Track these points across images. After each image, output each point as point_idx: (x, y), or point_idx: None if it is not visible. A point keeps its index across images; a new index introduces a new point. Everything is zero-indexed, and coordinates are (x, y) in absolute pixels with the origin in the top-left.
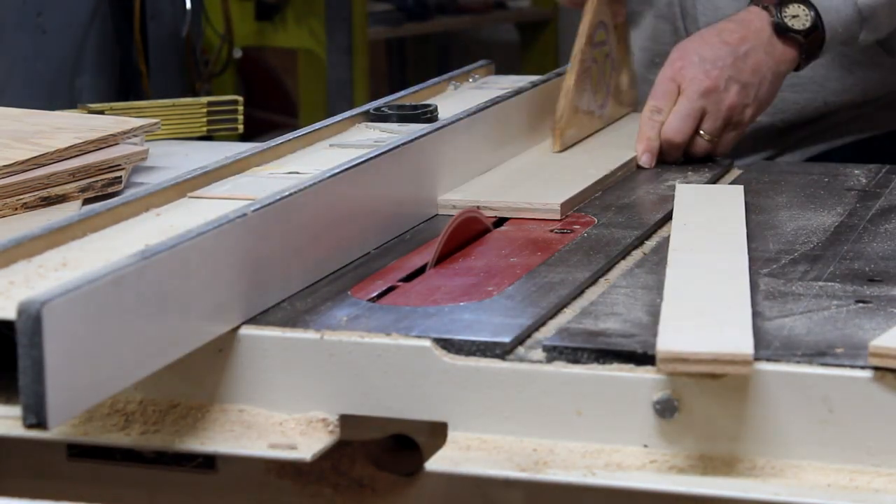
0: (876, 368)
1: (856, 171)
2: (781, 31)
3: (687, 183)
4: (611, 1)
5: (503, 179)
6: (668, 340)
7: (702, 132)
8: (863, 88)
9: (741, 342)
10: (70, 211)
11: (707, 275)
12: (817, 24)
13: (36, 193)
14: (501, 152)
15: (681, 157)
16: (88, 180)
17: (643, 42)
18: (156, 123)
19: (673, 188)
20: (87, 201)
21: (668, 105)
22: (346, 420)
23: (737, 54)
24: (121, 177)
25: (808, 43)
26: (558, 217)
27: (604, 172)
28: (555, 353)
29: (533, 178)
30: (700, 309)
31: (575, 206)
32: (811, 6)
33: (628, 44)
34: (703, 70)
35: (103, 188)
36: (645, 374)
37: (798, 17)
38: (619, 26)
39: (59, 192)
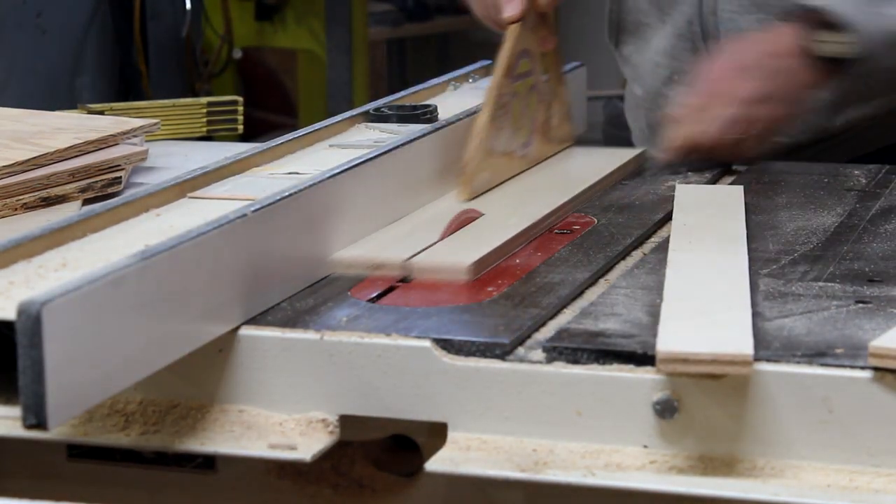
0: (876, 369)
1: (856, 172)
2: (812, 54)
3: (687, 183)
4: (537, 26)
5: (409, 232)
6: (668, 341)
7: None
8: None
9: (741, 343)
10: (70, 211)
11: (707, 275)
12: (856, 53)
13: (36, 194)
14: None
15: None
16: (88, 181)
17: (658, 58)
18: (155, 124)
19: (673, 188)
20: (86, 201)
21: (712, 106)
22: (345, 420)
23: (774, 69)
24: (121, 177)
25: (841, 68)
26: (465, 279)
27: (527, 223)
28: (555, 353)
29: (440, 230)
30: (700, 309)
31: (488, 267)
32: (851, 30)
33: (561, 73)
34: (744, 79)
35: (103, 188)
36: (645, 374)
37: (830, 44)
38: (550, 55)
39: (59, 192)
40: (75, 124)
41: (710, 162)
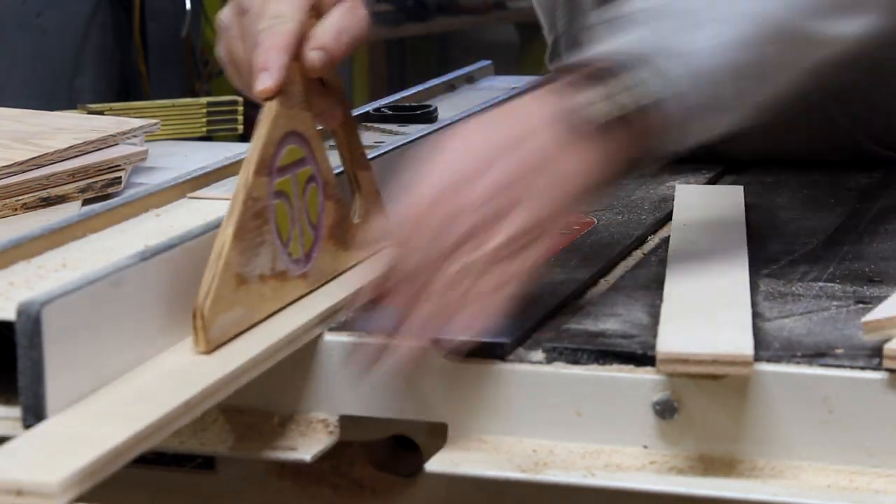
0: (892, 371)
1: (856, 172)
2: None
3: (687, 183)
4: (315, 96)
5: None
6: (668, 342)
7: None
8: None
9: (741, 343)
10: (70, 211)
11: (707, 275)
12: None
13: (35, 194)
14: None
15: None
16: (88, 181)
17: None
18: (155, 124)
19: (673, 188)
20: (86, 202)
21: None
22: (345, 421)
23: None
24: (120, 177)
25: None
26: None
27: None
28: (555, 353)
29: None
30: (700, 309)
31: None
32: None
33: (360, 152)
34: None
35: (103, 189)
36: (645, 374)
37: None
38: (341, 130)
39: (59, 192)
40: (75, 124)
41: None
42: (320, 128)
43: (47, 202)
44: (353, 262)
